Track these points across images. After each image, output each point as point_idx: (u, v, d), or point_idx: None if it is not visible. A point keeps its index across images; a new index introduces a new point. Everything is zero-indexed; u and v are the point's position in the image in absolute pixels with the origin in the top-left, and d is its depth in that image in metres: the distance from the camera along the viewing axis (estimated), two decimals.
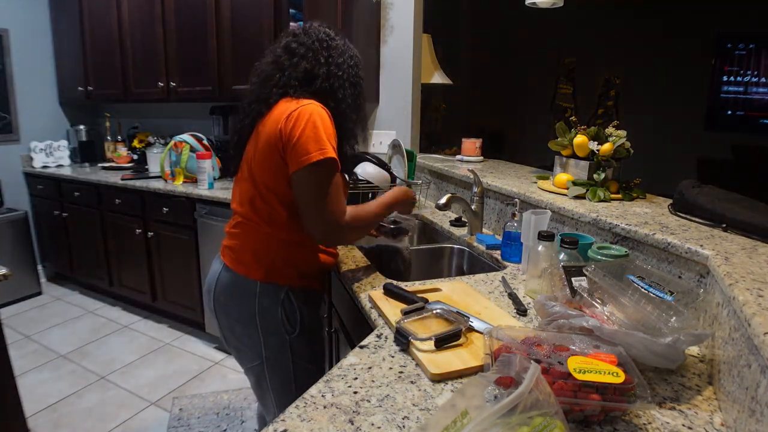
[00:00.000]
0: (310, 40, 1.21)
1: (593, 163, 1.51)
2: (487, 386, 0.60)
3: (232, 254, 1.24)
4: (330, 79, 1.20)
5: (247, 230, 1.22)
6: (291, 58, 1.20)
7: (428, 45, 2.79)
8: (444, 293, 1.16)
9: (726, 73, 4.54)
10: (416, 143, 2.61)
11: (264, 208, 1.18)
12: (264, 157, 1.15)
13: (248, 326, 1.22)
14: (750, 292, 0.74)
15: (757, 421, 0.61)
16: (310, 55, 1.19)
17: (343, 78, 1.22)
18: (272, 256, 1.21)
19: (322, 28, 1.25)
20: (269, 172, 1.15)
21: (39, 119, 3.69)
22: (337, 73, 1.21)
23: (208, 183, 2.69)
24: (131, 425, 2.13)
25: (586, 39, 4.91)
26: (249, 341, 1.24)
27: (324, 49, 1.21)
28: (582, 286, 0.94)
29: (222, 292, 1.24)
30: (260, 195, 1.18)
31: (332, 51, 1.22)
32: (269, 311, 1.20)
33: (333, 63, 1.21)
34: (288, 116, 1.10)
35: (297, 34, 1.24)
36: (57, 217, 3.46)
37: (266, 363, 1.24)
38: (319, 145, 1.08)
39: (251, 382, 1.32)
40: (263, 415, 1.43)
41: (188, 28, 2.92)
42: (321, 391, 0.77)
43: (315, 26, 1.25)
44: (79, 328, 3.03)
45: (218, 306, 1.26)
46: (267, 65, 1.23)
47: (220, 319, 1.28)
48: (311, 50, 1.20)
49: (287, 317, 1.22)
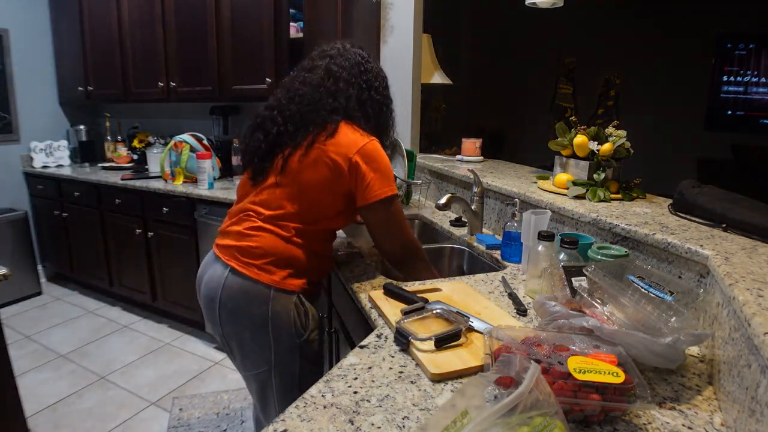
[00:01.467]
0: (349, 64, 1.25)
1: (593, 163, 1.51)
2: (487, 386, 0.60)
3: (242, 257, 1.18)
4: (373, 105, 1.27)
5: (270, 234, 1.19)
6: (336, 83, 1.23)
7: (428, 45, 2.79)
8: (444, 293, 1.16)
9: (726, 73, 4.54)
10: (416, 143, 2.61)
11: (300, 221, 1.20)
12: (326, 182, 1.18)
13: (259, 332, 1.19)
14: (750, 292, 0.74)
15: (757, 421, 0.61)
16: (352, 80, 1.24)
17: (381, 102, 1.28)
18: (293, 265, 1.20)
19: (357, 50, 1.29)
20: (328, 194, 1.20)
21: (39, 119, 3.69)
22: (375, 97, 1.27)
23: (208, 183, 2.69)
24: (131, 425, 2.13)
25: (586, 39, 4.91)
26: (257, 347, 1.20)
27: (362, 73, 1.25)
28: (582, 286, 0.94)
29: (230, 298, 1.18)
30: (304, 210, 1.20)
31: (369, 75, 1.26)
32: (282, 316, 1.18)
33: (372, 88, 1.26)
34: (361, 149, 1.17)
35: (333, 56, 1.26)
36: (57, 217, 3.46)
37: (274, 368, 1.22)
38: (391, 181, 1.21)
39: (253, 387, 1.28)
40: (259, 418, 1.41)
41: (188, 28, 2.93)
42: (321, 391, 0.77)
43: (349, 48, 1.29)
44: (79, 328, 3.03)
45: (224, 313, 1.20)
46: (308, 87, 1.24)
47: (225, 328, 1.22)
48: (352, 75, 1.24)
49: (300, 321, 1.21)
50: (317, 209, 1.21)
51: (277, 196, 1.20)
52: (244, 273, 1.17)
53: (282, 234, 1.19)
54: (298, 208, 1.19)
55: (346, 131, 1.19)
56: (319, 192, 1.19)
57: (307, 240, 1.21)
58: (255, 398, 1.31)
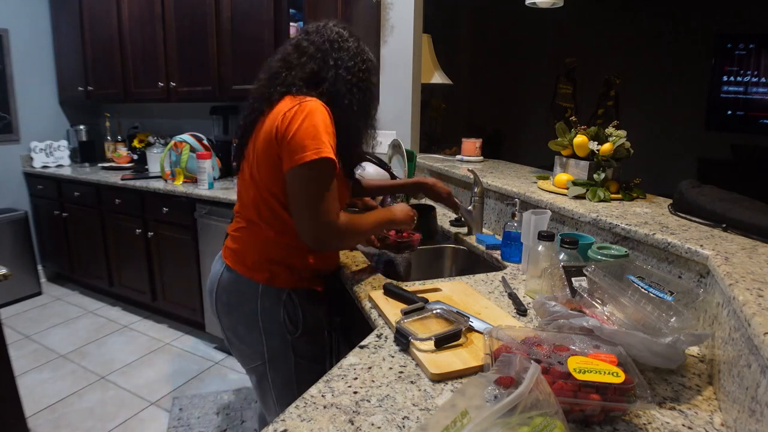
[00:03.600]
0: (321, 39, 1.17)
1: (593, 163, 1.51)
2: (487, 386, 0.60)
3: (233, 256, 1.23)
4: (337, 83, 1.14)
5: (249, 233, 1.20)
6: (300, 57, 1.16)
7: (428, 45, 2.79)
8: (444, 293, 1.16)
9: (726, 73, 4.54)
10: (416, 143, 2.61)
11: (266, 211, 1.15)
12: (263, 158, 1.12)
13: (250, 327, 1.21)
14: (750, 292, 0.74)
15: (757, 421, 0.61)
16: (318, 55, 1.15)
17: (352, 82, 1.16)
18: (275, 260, 1.19)
19: (336, 28, 1.20)
20: (268, 173, 1.12)
21: (39, 119, 3.69)
22: (345, 77, 1.15)
23: (208, 183, 2.69)
24: (131, 425, 2.13)
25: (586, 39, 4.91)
26: (251, 342, 1.23)
27: (334, 50, 1.16)
28: (582, 286, 0.94)
29: (224, 292, 1.24)
30: (262, 198, 1.15)
31: (342, 53, 1.16)
32: (271, 312, 1.20)
33: (342, 66, 1.15)
34: (285, 113, 1.06)
35: (309, 32, 1.20)
36: (57, 217, 3.46)
37: (268, 363, 1.24)
38: (316, 144, 1.02)
39: (253, 382, 1.31)
40: (263, 415, 1.43)
41: (188, 28, 2.92)
42: (321, 391, 0.77)
43: (330, 26, 1.20)
44: (79, 328, 3.03)
45: (220, 306, 1.26)
46: (276, 62, 1.19)
47: (222, 320, 1.27)
48: (320, 50, 1.16)
49: (289, 318, 1.21)
50: (275, 200, 1.14)
51: (245, 191, 1.20)
52: (234, 270, 1.22)
53: (258, 230, 1.18)
54: (259, 198, 1.15)
55: (282, 102, 1.10)
56: (266, 174, 1.12)
57: (288, 235, 1.16)
58: (255, 392, 1.34)
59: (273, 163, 1.10)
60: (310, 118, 1.04)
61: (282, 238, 1.18)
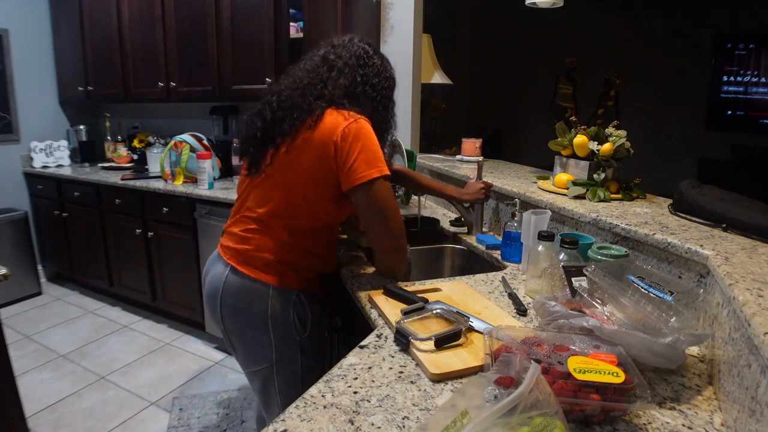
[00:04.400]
0: (348, 54, 1.21)
1: (593, 163, 1.51)
2: (487, 386, 0.60)
3: (240, 257, 1.21)
4: (365, 100, 1.20)
5: (263, 236, 1.19)
6: (329, 71, 1.19)
7: (428, 45, 2.79)
8: (444, 293, 1.16)
9: (726, 73, 4.54)
10: (416, 143, 2.61)
11: (289, 217, 1.17)
12: (311, 170, 1.13)
13: (260, 330, 1.20)
14: (750, 292, 0.74)
15: (757, 421, 0.61)
16: (346, 70, 1.19)
17: (377, 100, 1.22)
18: (289, 264, 1.19)
19: (362, 44, 1.24)
20: (313, 184, 1.14)
21: (39, 119, 3.69)
22: (371, 93, 1.21)
23: (208, 183, 2.69)
24: (131, 425, 2.13)
25: (586, 39, 4.91)
26: (258, 345, 1.22)
27: (360, 66, 1.21)
28: (582, 286, 0.94)
29: (230, 295, 1.21)
30: (293, 204, 1.16)
31: (368, 69, 1.21)
32: (282, 314, 1.19)
33: (368, 83, 1.21)
34: (344, 130, 1.10)
35: (336, 46, 1.24)
36: (57, 217, 3.46)
37: (276, 365, 1.23)
38: (376, 163, 1.11)
39: (255, 385, 1.29)
40: (262, 416, 1.42)
41: (188, 28, 2.92)
42: (321, 391, 0.77)
43: (355, 41, 1.25)
44: (79, 328, 3.03)
45: (225, 310, 1.22)
46: (303, 72, 1.22)
47: (227, 324, 1.24)
48: (348, 65, 1.20)
49: (299, 319, 1.21)
50: (306, 202, 1.17)
51: (268, 190, 1.19)
52: (243, 272, 1.19)
53: (275, 235, 1.18)
54: (287, 203, 1.17)
55: (330, 115, 1.14)
56: (306, 183, 1.15)
57: (301, 238, 1.19)
58: (257, 395, 1.32)
59: (323, 176, 1.14)
60: (368, 137, 1.12)
61: (294, 240, 1.19)
